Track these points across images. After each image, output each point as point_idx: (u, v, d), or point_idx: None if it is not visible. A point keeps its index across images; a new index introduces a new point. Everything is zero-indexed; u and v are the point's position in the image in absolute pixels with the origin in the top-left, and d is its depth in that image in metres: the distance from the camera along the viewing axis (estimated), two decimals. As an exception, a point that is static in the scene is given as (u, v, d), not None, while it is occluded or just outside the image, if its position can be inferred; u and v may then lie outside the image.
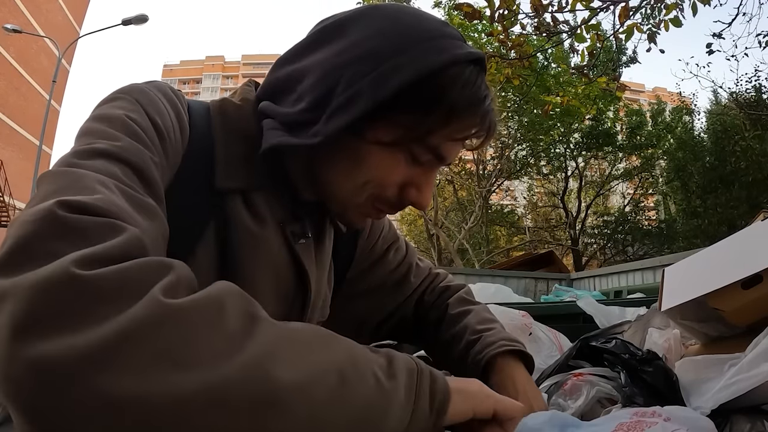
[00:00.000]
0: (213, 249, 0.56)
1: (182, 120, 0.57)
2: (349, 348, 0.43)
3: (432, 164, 0.59)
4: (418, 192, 0.59)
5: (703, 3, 3.79)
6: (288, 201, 0.63)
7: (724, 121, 12.60)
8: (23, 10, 17.30)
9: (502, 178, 14.18)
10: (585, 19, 4.06)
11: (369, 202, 0.60)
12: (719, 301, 0.81)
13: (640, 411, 0.62)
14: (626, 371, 0.79)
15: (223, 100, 0.64)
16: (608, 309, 1.41)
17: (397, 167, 0.57)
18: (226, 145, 0.59)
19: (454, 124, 0.56)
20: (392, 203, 0.60)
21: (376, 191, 0.58)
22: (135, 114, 0.50)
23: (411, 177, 0.59)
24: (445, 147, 0.58)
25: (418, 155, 0.57)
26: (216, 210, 0.57)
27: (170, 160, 0.53)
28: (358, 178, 0.57)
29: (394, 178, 0.58)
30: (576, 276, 4.39)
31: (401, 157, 0.57)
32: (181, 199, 0.54)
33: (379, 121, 0.54)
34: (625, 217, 15.15)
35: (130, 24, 11.80)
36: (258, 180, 0.60)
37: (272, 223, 0.61)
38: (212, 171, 0.57)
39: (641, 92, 44.91)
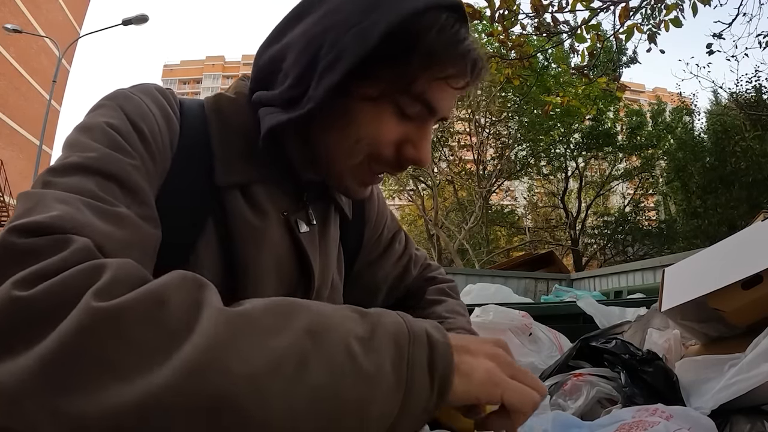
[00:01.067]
0: (214, 244, 0.57)
1: (170, 120, 0.57)
2: (315, 321, 0.37)
3: (424, 117, 0.58)
4: (415, 148, 0.58)
5: (703, 3, 3.79)
6: (291, 189, 0.64)
7: (725, 122, 12.59)
8: (23, 10, 17.30)
9: (502, 178, 14.17)
10: (585, 19, 4.06)
11: (365, 164, 0.59)
12: (719, 302, 0.81)
13: (642, 409, 0.63)
14: (626, 371, 0.79)
15: (217, 96, 0.64)
16: (608, 309, 1.41)
17: (387, 122, 0.57)
18: (222, 141, 0.59)
19: (434, 66, 0.55)
20: (390, 162, 0.59)
21: (371, 150, 0.58)
22: (116, 120, 0.51)
23: (405, 134, 0.58)
24: (432, 93, 0.56)
25: (405, 106, 0.56)
26: (215, 206, 0.57)
27: (158, 162, 0.53)
28: (351, 136, 0.57)
29: (386, 133, 0.57)
30: (576, 276, 4.39)
31: (390, 110, 0.56)
32: (179, 197, 0.55)
33: (364, 77, 0.54)
34: (626, 218, 15.13)
35: (131, 24, 11.80)
36: (258, 172, 0.60)
37: (274, 214, 0.61)
38: (210, 167, 0.57)
39: (641, 92, 44.89)
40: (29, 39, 16.70)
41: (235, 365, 0.32)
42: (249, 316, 0.36)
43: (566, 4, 3.85)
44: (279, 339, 0.35)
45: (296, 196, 0.65)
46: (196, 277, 0.38)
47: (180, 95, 0.64)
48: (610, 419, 0.64)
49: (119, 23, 11.84)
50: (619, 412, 0.66)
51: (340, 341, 0.36)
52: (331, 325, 0.37)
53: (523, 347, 1.10)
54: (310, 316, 0.37)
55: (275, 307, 0.37)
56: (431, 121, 0.59)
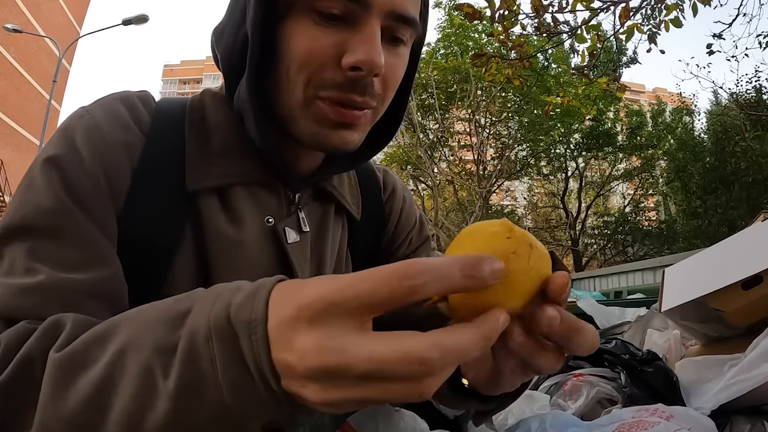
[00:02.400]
0: (191, 260, 0.52)
1: (129, 132, 0.52)
2: (125, 340, 0.34)
3: (355, 14, 0.48)
4: (353, 52, 0.47)
5: (703, 3, 3.79)
6: (280, 190, 0.58)
7: (725, 122, 12.59)
8: (24, 10, 17.31)
9: (502, 178, 14.18)
10: (585, 19, 4.06)
11: (312, 95, 0.50)
12: (719, 302, 0.81)
13: (642, 409, 0.63)
14: (626, 372, 0.79)
15: (203, 92, 0.60)
16: (608, 309, 1.41)
17: (310, 31, 0.48)
18: (198, 140, 0.54)
19: None
20: (337, 82, 0.49)
21: (307, 73, 0.49)
22: (60, 158, 0.49)
23: (340, 42, 0.48)
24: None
25: (321, 3, 0.47)
26: (191, 215, 0.53)
27: (109, 187, 0.49)
28: (283, 68, 0.50)
29: (312, 45, 0.48)
30: (576, 276, 4.40)
31: (306, 18, 0.48)
32: (149, 209, 0.51)
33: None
34: (626, 218, 15.15)
35: (131, 24, 11.80)
36: (239, 172, 0.55)
37: (255, 221, 0.55)
38: (184, 174, 0.53)
39: (641, 93, 44.91)
40: (29, 39, 16.70)
41: (63, 412, 0.34)
42: (71, 355, 0.36)
43: (566, 5, 3.85)
44: (92, 372, 0.34)
45: (287, 198, 0.58)
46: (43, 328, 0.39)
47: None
48: (609, 419, 0.64)
49: (119, 23, 11.85)
50: (618, 412, 0.66)
51: (143, 359, 0.33)
52: (137, 343, 0.34)
53: (523, 347, 1.10)
54: (123, 335, 0.35)
55: (95, 334, 0.36)
56: (367, 15, 0.48)
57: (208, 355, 0.31)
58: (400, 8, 0.49)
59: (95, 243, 0.47)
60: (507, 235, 0.34)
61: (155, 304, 0.37)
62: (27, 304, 0.43)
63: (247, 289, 0.33)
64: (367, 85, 0.50)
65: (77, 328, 0.39)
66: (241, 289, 0.33)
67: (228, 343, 0.31)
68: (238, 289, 0.33)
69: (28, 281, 0.44)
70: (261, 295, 0.31)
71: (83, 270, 0.46)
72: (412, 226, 0.74)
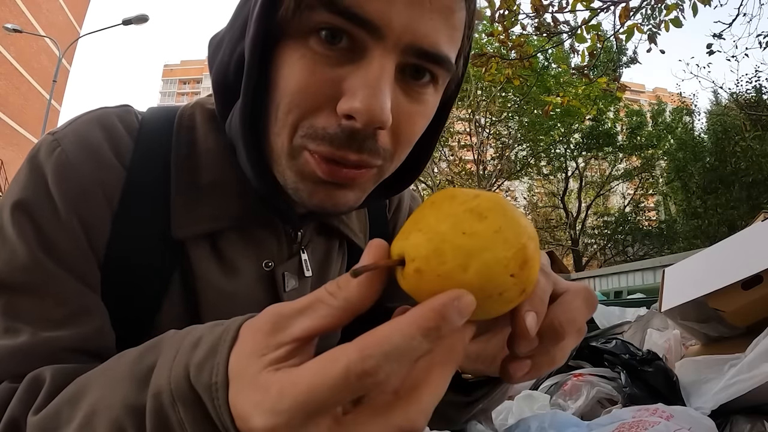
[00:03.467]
0: (178, 308, 0.48)
1: (109, 172, 0.46)
2: (96, 400, 0.33)
3: (363, 43, 0.38)
4: (350, 96, 0.38)
5: (703, 3, 3.79)
6: (281, 229, 0.51)
7: (725, 122, 12.60)
8: (24, 10, 17.30)
9: (502, 178, 14.17)
10: (585, 19, 4.06)
11: (301, 150, 0.41)
12: (719, 302, 0.81)
13: (642, 408, 0.63)
14: (626, 371, 0.79)
15: (194, 107, 0.51)
16: (608, 309, 1.41)
17: (304, 64, 0.39)
18: (187, 175, 0.47)
19: None
20: (329, 134, 0.39)
21: (299, 119, 0.40)
22: (34, 205, 0.43)
23: (336, 81, 0.39)
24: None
25: (323, 27, 0.38)
26: (179, 261, 0.47)
27: (93, 236, 0.45)
28: (273, 105, 0.41)
29: (307, 83, 0.39)
30: (576, 276, 4.40)
31: (303, 45, 0.39)
32: (135, 259, 0.46)
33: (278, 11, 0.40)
34: (626, 218, 15.15)
35: (131, 24, 11.80)
36: (233, 214, 0.48)
37: (252, 270, 0.49)
38: (170, 214, 0.47)
39: (641, 93, 44.90)
40: (29, 39, 16.70)
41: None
42: (46, 417, 0.35)
43: (566, 5, 3.85)
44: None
45: (288, 237, 0.52)
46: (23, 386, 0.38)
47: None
48: (609, 419, 0.63)
49: (119, 23, 11.84)
50: (619, 412, 0.66)
51: (114, 419, 0.32)
52: (106, 403, 0.32)
53: (523, 347, 1.10)
54: (92, 395, 0.34)
55: (67, 395, 0.35)
56: (376, 47, 0.38)
57: (176, 419, 0.29)
58: (426, 41, 0.39)
59: (77, 296, 0.43)
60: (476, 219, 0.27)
61: (125, 354, 0.36)
62: (10, 366, 0.40)
63: (207, 343, 0.30)
64: (366, 139, 0.40)
65: (56, 384, 0.37)
66: (201, 341, 0.30)
67: (193, 407, 0.29)
68: (197, 344, 0.30)
69: (9, 343, 0.41)
70: (222, 356, 0.28)
71: (67, 326, 0.42)
72: None
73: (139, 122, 0.50)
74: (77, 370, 0.39)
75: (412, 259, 0.26)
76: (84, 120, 0.48)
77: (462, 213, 0.27)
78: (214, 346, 0.29)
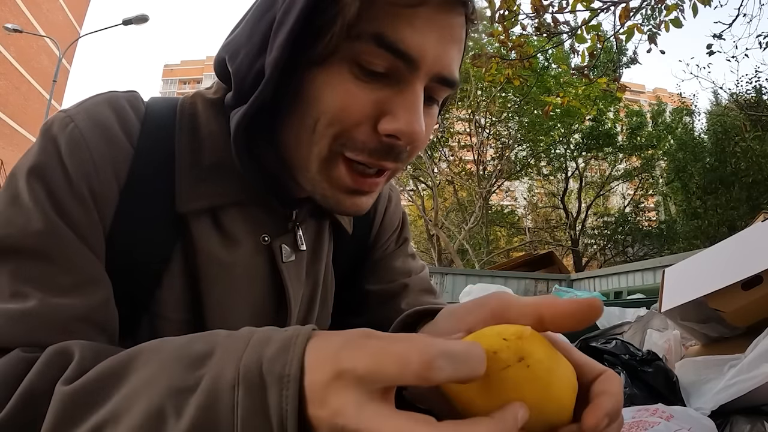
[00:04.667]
0: (179, 281, 0.50)
1: (115, 145, 0.48)
2: (137, 380, 0.34)
3: (400, 73, 0.43)
4: (393, 119, 0.44)
5: (703, 4, 3.79)
6: (277, 207, 0.55)
7: (725, 122, 12.59)
8: (24, 10, 17.30)
9: (502, 178, 14.17)
10: (585, 19, 4.06)
11: (336, 155, 0.46)
12: (719, 302, 0.81)
13: (642, 409, 0.63)
14: (626, 372, 0.79)
15: (195, 96, 0.55)
16: (608, 310, 1.41)
17: (346, 85, 0.43)
18: (189, 156, 0.51)
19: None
20: (368, 147, 0.45)
21: (336, 130, 0.45)
22: (48, 170, 0.45)
23: (380, 101, 0.44)
24: (393, 29, 0.42)
25: (365, 58, 0.43)
26: (181, 236, 0.50)
27: (101, 207, 0.47)
28: (308, 118, 0.45)
29: (347, 101, 0.43)
30: (576, 277, 4.40)
31: (346, 69, 0.43)
32: (140, 230, 0.48)
33: (310, 35, 0.43)
34: (626, 218, 15.14)
35: (131, 24, 11.80)
36: (233, 192, 0.51)
37: (250, 241, 0.53)
38: (174, 192, 0.49)
39: (641, 93, 44.89)
40: (30, 39, 16.70)
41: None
42: (84, 390, 0.35)
43: (566, 5, 3.85)
44: (101, 412, 0.34)
45: (284, 215, 0.56)
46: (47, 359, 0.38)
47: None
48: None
49: (119, 23, 11.84)
50: (619, 413, 0.66)
51: (155, 398, 0.33)
52: (151, 381, 0.34)
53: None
54: (140, 374, 0.35)
55: (111, 369, 0.36)
56: (413, 76, 0.44)
57: (230, 403, 0.31)
58: (447, 71, 0.46)
59: (86, 265, 0.45)
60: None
61: (170, 340, 0.37)
62: (19, 331, 0.40)
63: (278, 341, 0.33)
64: (401, 152, 0.47)
65: (86, 358, 0.37)
66: (272, 340, 0.33)
67: (255, 394, 0.31)
68: (269, 339, 0.33)
69: (18, 307, 0.41)
70: (296, 351, 0.32)
71: (76, 294, 0.43)
72: (394, 229, 0.71)
73: (145, 107, 0.53)
74: (105, 349, 0.40)
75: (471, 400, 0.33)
76: (95, 101, 0.51)
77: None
78: (286, 343, 0.32)
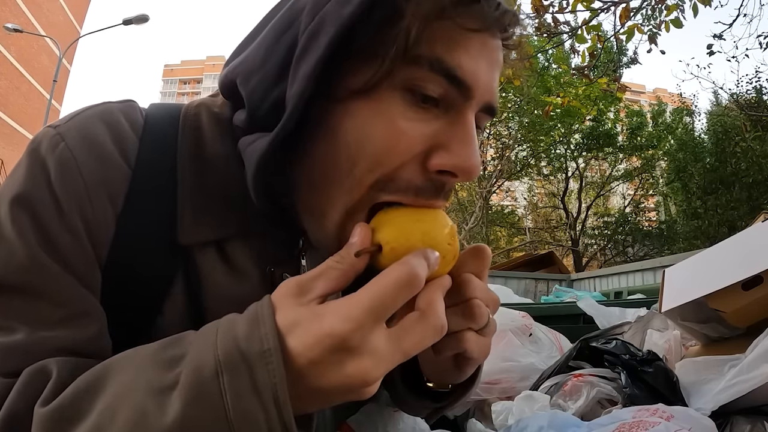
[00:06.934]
0: (181, 309, 0.47)
1: (114, 170, 0.45)
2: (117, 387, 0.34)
3: (453, 100, 0.40)
4: (448, 153, 0.40)
5: (703, 4, 3.79)
6: (283, 237, 0.51)
7: (725, 122, 12.58)
8: (24, 10, 17.30)
9: (502, 178, 14.17)
10: (586, 20, 4.06)
11: (366, 205, 0.42)
12: (719, 302, 0.81)
13: (642, 409, 0.63)
14: (626, 372, 0.79)
15: (199, 107, 0.50)
16: (608, 310, 1.41)
17: (394, 120, 0.39)
18: (193, 180, 0.47)
19: (437, 8, 0.38)
20: (415, 185, 0.41)
21: (381, 173, 0.40)
22: (35, 200, 0.42)
23: (431, 137, 0.40)
24: (450, 54, 0.39)
25: (419, 84, 0.39)
26: (183, 264, 0.47)
27: (96, 237, 0.43)
28: (343, 159, 0.40)
29: (399, 140, 0.39)
30: (576, 277, 4.39)
31: (396, 101, 0.39)
32: (139, 260, 0.45)
33: (349, 61, 0.39)
34: (626, 218, 15.13)
35: (131, 24, 11.80)
36: (239, 223, 0.48)
37: (256, 272, 0.49)
38: (175, 216, 0.46)
39: (642, 93, 44.90)
40: (30, 38, 16.70)
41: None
42: (60, 408, 0.34)
43: (567, 5, 3.85)
44: (83, 426, 0.33)
45: (290, 244, 0.52)
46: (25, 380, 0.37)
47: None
48: (609, 419, 0.63)
49: (120, 23, 11.84)
50: (619, 412, 0.66)
51: (136, 403, 0.32)
52: (129, 387, 0.33)
53: (523, 348, 1.10)
54: (114, 383, 0.34)
55: (85, 384, 0.35)
56: (466, 105, 0.41)
57: (217, 390, 0.31)
58: (494, 99, 0.44)
59: (76, 299, 0.42)
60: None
61: (141, 348, 0.37)
62: (6, 364, 0.39)
63: (245, 319, 0.35)
64: (451, 188, 0.43)
65: (63, 377, 0.37)
66: (238, 320, 0.35)
67: (241, 376, 0.32)
68: (235, 321, 0.35)
69: (5, 341, 0.39)
70: (267, 323, 0.34)
71: (65, 328, 0.41)
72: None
73: (144, 119, 0.49)
74: (82, 363, 0.38)
75: (386, 242, 0.39)
76: (87, 115, 0.46)
77: (410, 212, 0.41)
78: (254, 320, 0.34)
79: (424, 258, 0.36)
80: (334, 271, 0.36)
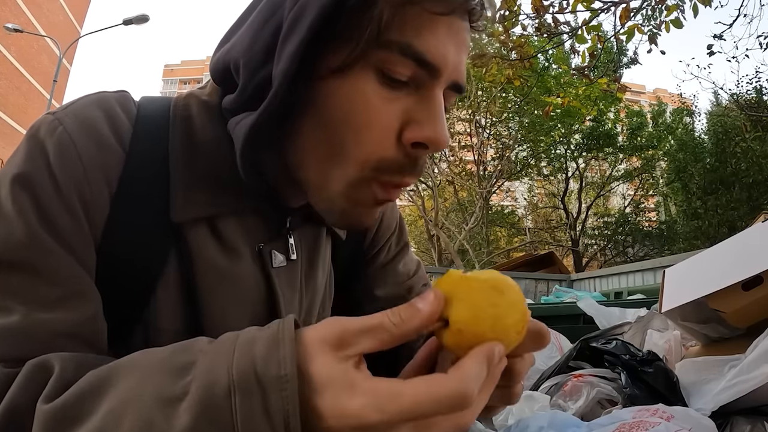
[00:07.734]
0: (174, 288, 0.48)
1: (110, 154, 0.46)
2: (123, 393, 0.34)
3: (422, 80, 0.43)
4: (419, 126, 0.43)
5: (704, 4, 3.79)
6: (272, 214, 0.54)
7: (725, 123, 12.58)
8: (24, 10, 17.31)
9: (502, 179, 14.15)
10: (586, 20, 4.06)
11: (371, 179, 0.45)
12: (719, 303, 0.81)
13: (642, 409, 0.63)
14: (627, 372, 0.79)
15: (188, 98, 0.52)
16: (608, 310, 1.41)
17: (369, 97, 0.42)
18: (185, 162, 0.49)
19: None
20: (399, 163, 0.44)
21: (368, 154, 0.44)
22: (35, 179, 0.43)
23: (404, 112, 0.43)
24: (419, 39, 0.42)
25: (389, 66, 0.42)
26: (176, 243, 0.48)
27: (92, 216, 0.45)
28: (332, 136, 0.44)
29: (375, 116, 0.43)
30: (576, 277, 4.39)
31: (371, 80, 0.42)
32: (133, 239, 0.46)
33: (329, 43, 0.42)
34: (626, 219, 15.12)
35: (131, 24, 11.80)
36: (230, 201, 0.50)
37: (247, 249, 0.51)
38: (168, 198, 0.48)
39: (642, 93, 44.89)
40: (30, 38, 16.71)
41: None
42: (64, 407, 0.34)
43: (567, 5, 3.85)
44: (87, 426, 0.33)
45: (278, 221, 0.54)
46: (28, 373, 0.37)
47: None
48: (610, 419, 0.64)
49: (120, 23, 11.85)
50: (619, 412, 0.66)
51: (143, 411, 0.32)
52: (136, 393, 0.33)
53: (523, 348, 1.10)
54: (120, 386, 0.34)
55: (90, 384, 0.35)
56: (434, 84, 0.44)
57: (228, 409, 0.31)
58: (461, 78, 0.46)
59: (73, 278, 0.43)
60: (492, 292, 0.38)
61: (151, 351, 0.36)
62: (2, 346, 0.39)
63: (265, 339, 0.33)
64: (424, 163, 0.46)
65: (66, 373, 0.37)
66: (258, 339, 0.34)
67: (253, 398, 0.31)
68: (255, 339, 0.34)
69: (1, 321, 0.40)
70: (287, 347, 0.32)
71: (61, 309, 0.41)
72: (392, 232, 0.71)
73: (136, 108, 0.51)
74: (87, 361, 0.39)
75: (455, 322, 0.36)
76: (84, 102, 0.48)
77: (488, 289, 0.37)
78: (273, 341, 0.33)
79: (487, 366, 0.34)
80: (385, 334, 0.33)
